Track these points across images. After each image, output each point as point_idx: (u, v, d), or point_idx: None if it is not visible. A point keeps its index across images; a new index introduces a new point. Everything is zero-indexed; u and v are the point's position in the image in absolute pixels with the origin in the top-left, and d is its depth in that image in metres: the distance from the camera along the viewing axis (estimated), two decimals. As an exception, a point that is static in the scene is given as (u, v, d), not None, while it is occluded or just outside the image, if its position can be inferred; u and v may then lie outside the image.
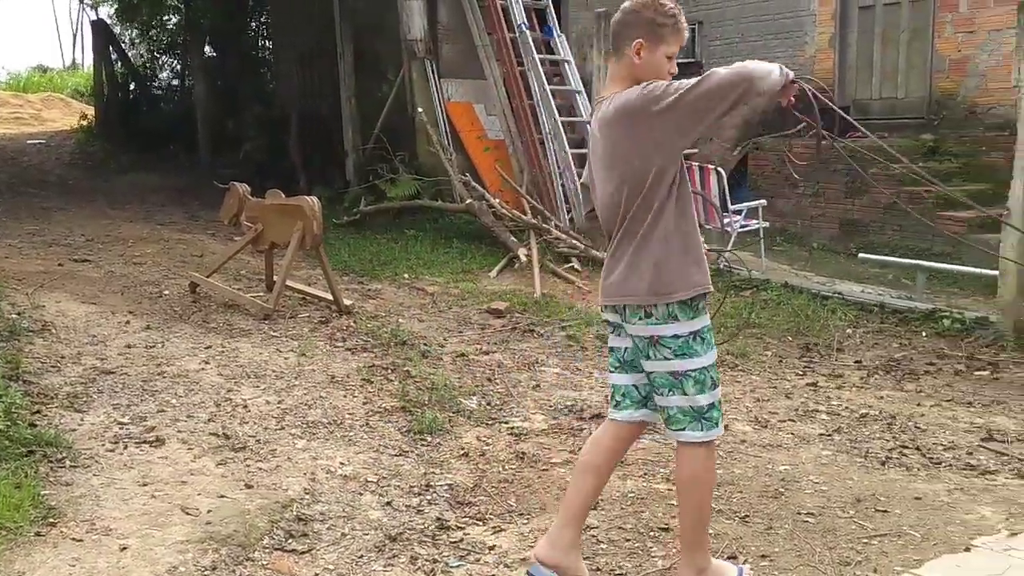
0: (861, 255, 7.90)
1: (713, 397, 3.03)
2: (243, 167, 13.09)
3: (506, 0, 10.39)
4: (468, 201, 9.20)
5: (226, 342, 6.04)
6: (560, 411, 5.13)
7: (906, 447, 4.60)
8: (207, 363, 5.59)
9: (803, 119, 3.13)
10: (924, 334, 6.69)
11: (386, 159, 10.61)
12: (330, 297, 6.94)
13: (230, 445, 4.44)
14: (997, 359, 6.10)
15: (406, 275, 8.42)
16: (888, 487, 4.09)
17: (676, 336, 2.95)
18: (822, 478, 4.19)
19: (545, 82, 9.96)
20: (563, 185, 9.83)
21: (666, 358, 2.96)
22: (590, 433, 4.74)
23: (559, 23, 10.99)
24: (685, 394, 2.99)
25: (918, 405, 5.27)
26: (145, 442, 4.41)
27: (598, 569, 3.43)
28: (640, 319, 2.96)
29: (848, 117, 3.04)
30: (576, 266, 8.41)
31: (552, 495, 4.06)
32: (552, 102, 9.94)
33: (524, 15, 10.37)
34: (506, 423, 4.95)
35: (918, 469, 4.32)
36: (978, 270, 7.12)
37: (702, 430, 3.02)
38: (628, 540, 3.64)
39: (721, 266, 8.29)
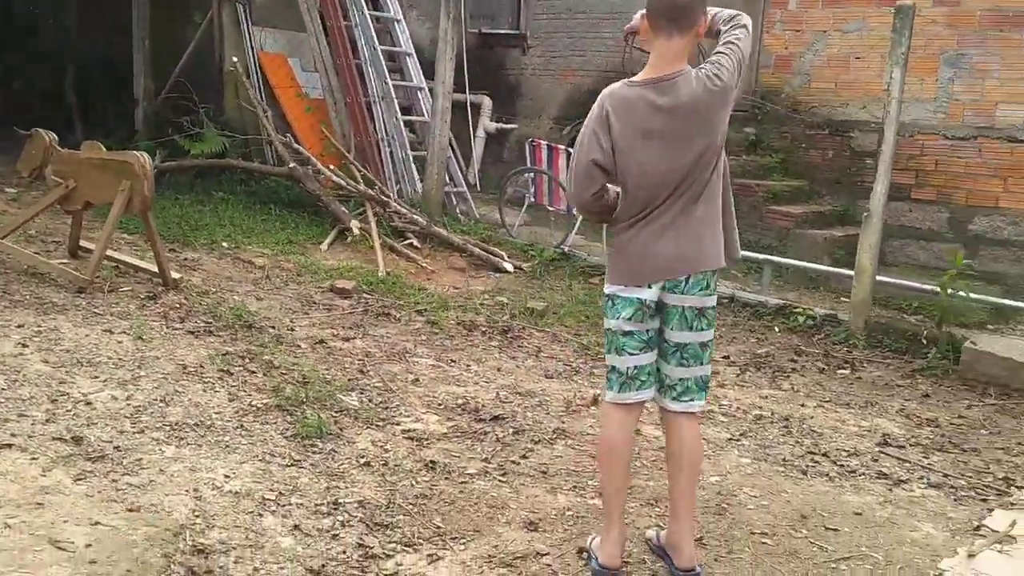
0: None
1: None
2: (3, 110, 11.41)
3: (332, -52, 9.59)
4: (292, 165, 8.41)
5: (41, 320, 5.07)
6: (453, 411, 4.66)
7: (814, 454, 4.54)
8: (24, 346, 4.64)
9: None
10: (777, 329, 6.76)
11: (191, 110, 9.53)
12: (153, 268, 6.05)
13: (83, 453, 3.66)
14: (851, 357, 6.23)
15: (225, 244, 7.55)
16: (823, 500, 3.97)
17: (713, 308, 3.17)
18: (756, 491, 4.01)
19: (376, 41, 9.28)
20: (392, 154, 9.23)
21: (703, 328, 3.14)
22: (495, 436, 4.37)
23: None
24: (703, 364, 3.19)
25: (802, 406, 5.25)
26: (-26, 450, 3.54)
27: (568, 605, 3.05)
28: (701, 290, 3.10)
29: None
30: (415, 242, 7.88)
31: (482, 515, 3.62)
32: (383, 63, 9.28)
33: (352, -34, 9.61)
34: (398, 424, 4.43)
35: (839, 479, 4.24)
36: (829, 268, 7.28)
37: (705, 399, 3.26)
38: (584, 566, 3.28)
39: (565, 250, 8.07)
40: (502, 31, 11.31)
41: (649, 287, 3.10)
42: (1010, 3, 8.23)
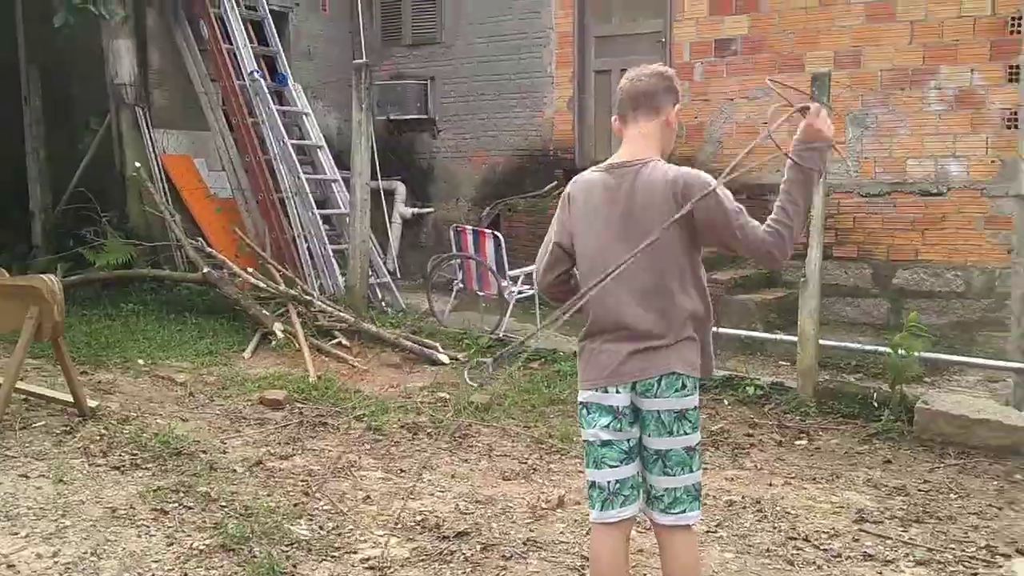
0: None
1: None
2: None
3: (232, 44, 9.36)
4: (206, 270, 8.04)
5: (-54, 471, 4.60)
6: (412, 530, 4.34)
7: (795, 539, 4.34)
8: (-70, 505, 4.18)
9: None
10: (727, 402, 6.62)
11: (93, 220, 9.08)
12: (67, 398, 5.61)
13: (10, 632, 3.23)
14: (805, 426, 6.13)
15: (140, 360, 7.11)
16: (819, 593, 3.78)
17: (696, 408, 2.98)
18: (748, 590, 3.80)
19: (285, 135, 9.04)
20: (309, 249, 8.93)
21: (686, 432, 2.96)
22: (463, 555, 4.07)
23: (282, 74, 10.11)
24: (692, 471, 2.99)
25: (769, 485, 5.08)
26: None
27: None
28: (676, 391, 2.91)
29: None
30: (343, 341, 7.56)
31: (465, 651, 3.31)
32: (294, 158, 9.03)
33: (254, 62, 9.38)
34: (355, 553, 4.09)
35: (826, 566, 4.06)
36: (773, 336, 7.18)
37: (698, 509, 3.03)
38: None
39: (500, 336, 7.85)
40: (411, 116, 11.18)
41: (618, 391, 2.93)
42: (909, 62, 8.48)
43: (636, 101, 2.99)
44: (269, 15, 9.99)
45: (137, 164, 8.86)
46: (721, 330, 7.50)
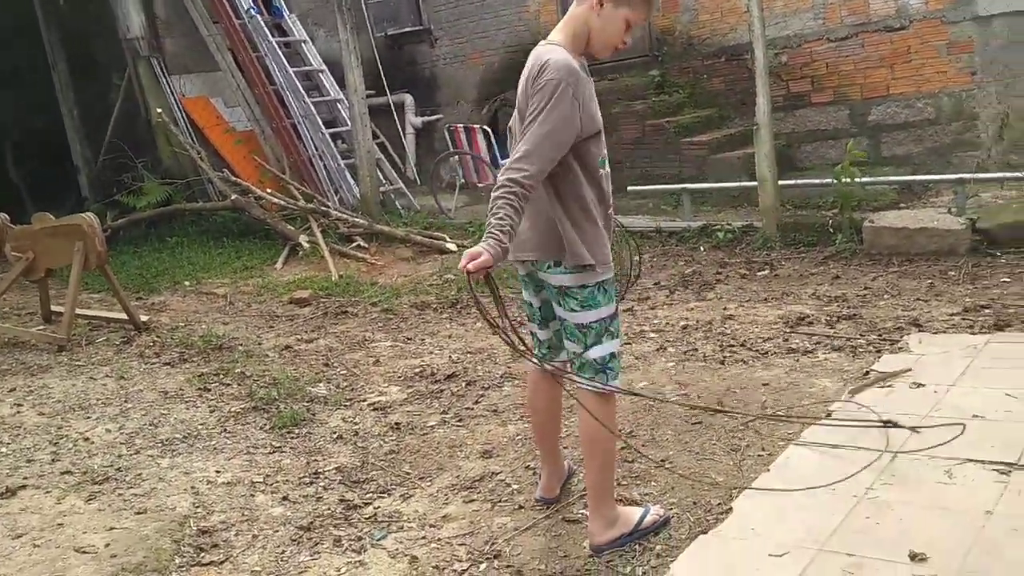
0: (630, 187, 8.46)
1: (613, 347, 3.09)
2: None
3: (227, -16, 10.05)
4: (233, 197, 8.90)
5: (30, 381, 5.55)
6: (412, 379, 5.19)
7: (732, 345, 5.08)
8: (19, 405, 5.13)
9: None
10: (702, 249, 7.31)
11: (129, 167, 9.99)
12: (122, 316, 6.54)
13: (90, 479, 4.16)
14: (770, 259, 6.80)
15: (187, 282, 8.06)
16: (737, 380, 4.53)
17: (583, 286, 2.99)
18: (678, 385, 4.57)
19: (287, 65, 9.76)
20: (325, 167, 9.72)
21: (572, 309, 3.02)
22: (450, 392, 4.91)
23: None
24: (588, 345, 3.05)
25: (724, 310, 5.80)
26: (-6, 496, 4.04)
27: (520, 507, 3.59)
28: (549, 268, 3.03)
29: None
30: (362, 243, 8.39)
31: (444, 455, 4.16)
32: (299, 85, 9.77)
33: None
34: (364, 401, 4.96)
35: (752, 361, 4.80)
36: (739, 184, 7.78)
37: (606, 380, 3.08)
38: (534, 476, 3.81)
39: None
40: (407, 29, 11.77)
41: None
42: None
43: None
44: (258, -50, 10.61)
45: (158, 109, 9.68)
46: (693, 185, 8.15)
